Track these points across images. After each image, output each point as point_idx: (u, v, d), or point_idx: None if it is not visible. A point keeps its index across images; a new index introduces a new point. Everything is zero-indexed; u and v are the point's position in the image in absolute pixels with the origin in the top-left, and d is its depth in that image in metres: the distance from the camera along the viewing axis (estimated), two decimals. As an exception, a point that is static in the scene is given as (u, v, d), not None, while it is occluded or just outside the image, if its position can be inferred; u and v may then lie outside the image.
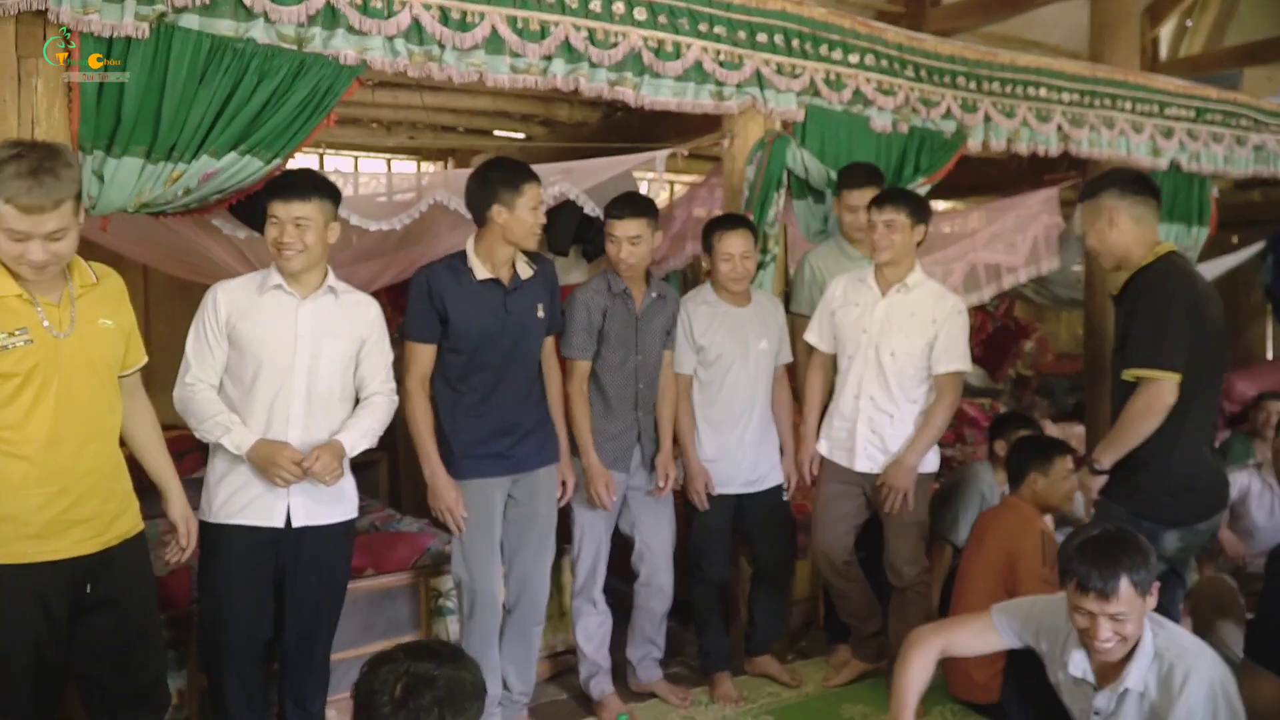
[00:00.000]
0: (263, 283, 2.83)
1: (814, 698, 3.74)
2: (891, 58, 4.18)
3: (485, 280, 3.11)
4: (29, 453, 2.29)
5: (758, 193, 3.88)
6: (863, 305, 3.62)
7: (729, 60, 3.74)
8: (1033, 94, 4.64)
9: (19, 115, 2.63)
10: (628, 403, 3.47)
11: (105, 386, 2.45)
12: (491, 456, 3.14)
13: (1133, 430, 2.93)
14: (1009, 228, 5.22)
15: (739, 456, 3.63)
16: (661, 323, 3.53)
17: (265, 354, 2.78)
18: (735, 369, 3.61)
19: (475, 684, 1.80)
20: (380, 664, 1.78)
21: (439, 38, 3.12)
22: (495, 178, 3.08)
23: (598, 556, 3.52)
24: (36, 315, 2.30)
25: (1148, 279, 2.99)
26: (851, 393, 3.64)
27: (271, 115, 2.92)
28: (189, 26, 2.76)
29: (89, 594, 2.41)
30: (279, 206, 2.77)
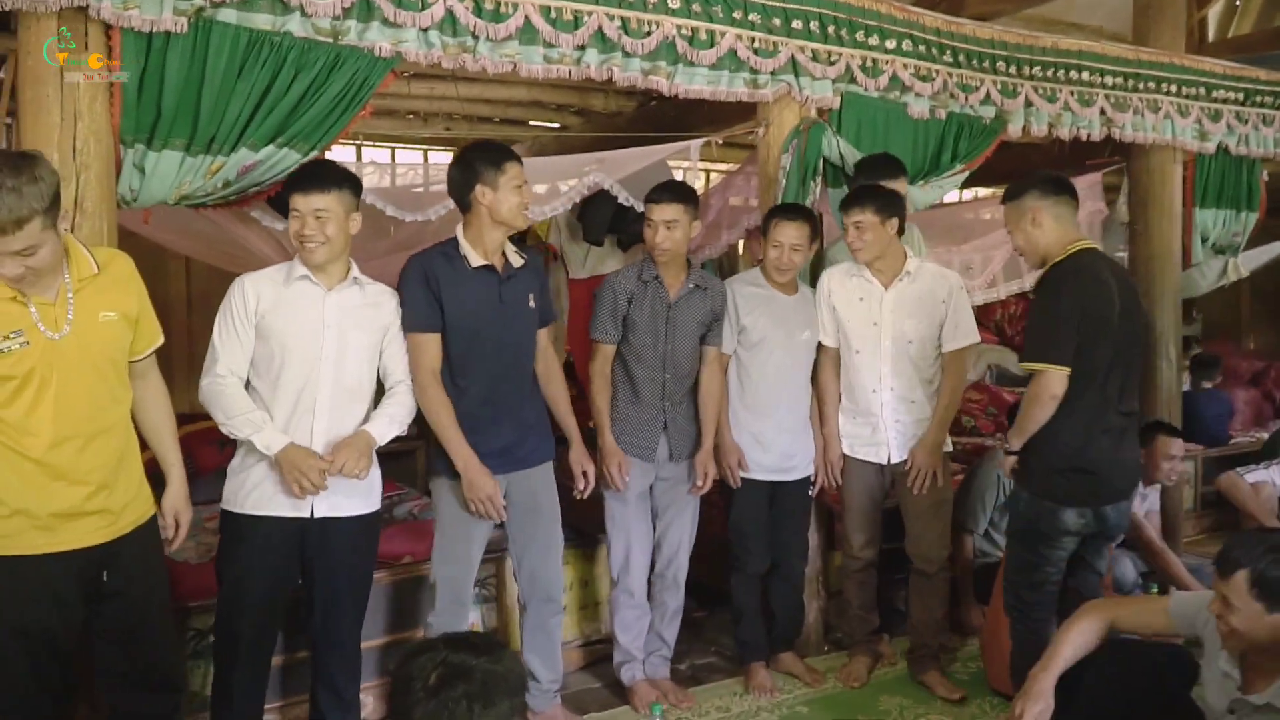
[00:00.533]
0: (289, 274, 2.83)
1: (849, 691, 3.72)
2: (929, 43, 4.13)
3: (479, 267, 3.04)
4: (33, 452, 2.30)
5: (793, 181, 3.85)
6: (868, 298, 3.63)
7: (763, 48, 3.71)
8: (1075, 78, 4.56)
9: (62, 110, 2.68)
10: (655, 392, 3.44)
11: (107, 380, 2.43)
12: (493, 454, 3.07)
13: (1028, 417, 3.15)
14: (1051, 214, 5.14)
15: (774, 442, 3.62)
16: (698, 314, 3.48)
17: (293, 345, 2.79)
18: (777, 355, 3.60)
19: (511, 679, 1.78)
20: (420, 652, 1.79)
21: (473, 29, 3.13)
22: (476, 158, 3.02)
23: (629, 546, 3.48)
24: (31, 317, 2.29)
25: (1049, 276, 3.16)
26: (868, 387, 3.64)
27: (309, 108, 2.95)
28: (227, 21, 2.79)
29: (105, 582, 2.45)
30: (299, 199, 2.76)
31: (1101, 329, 3.07)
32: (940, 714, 3.53)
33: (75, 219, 2.70)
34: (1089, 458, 3.12)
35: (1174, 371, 5.09)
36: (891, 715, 3.53)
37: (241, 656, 2.84)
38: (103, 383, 2.41)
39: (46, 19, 2.65)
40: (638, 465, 3.43)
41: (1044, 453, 3.16)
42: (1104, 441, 3.13)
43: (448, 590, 3.14)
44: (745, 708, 3.56)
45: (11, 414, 2.29)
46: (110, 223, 2.79)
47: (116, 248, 2.81)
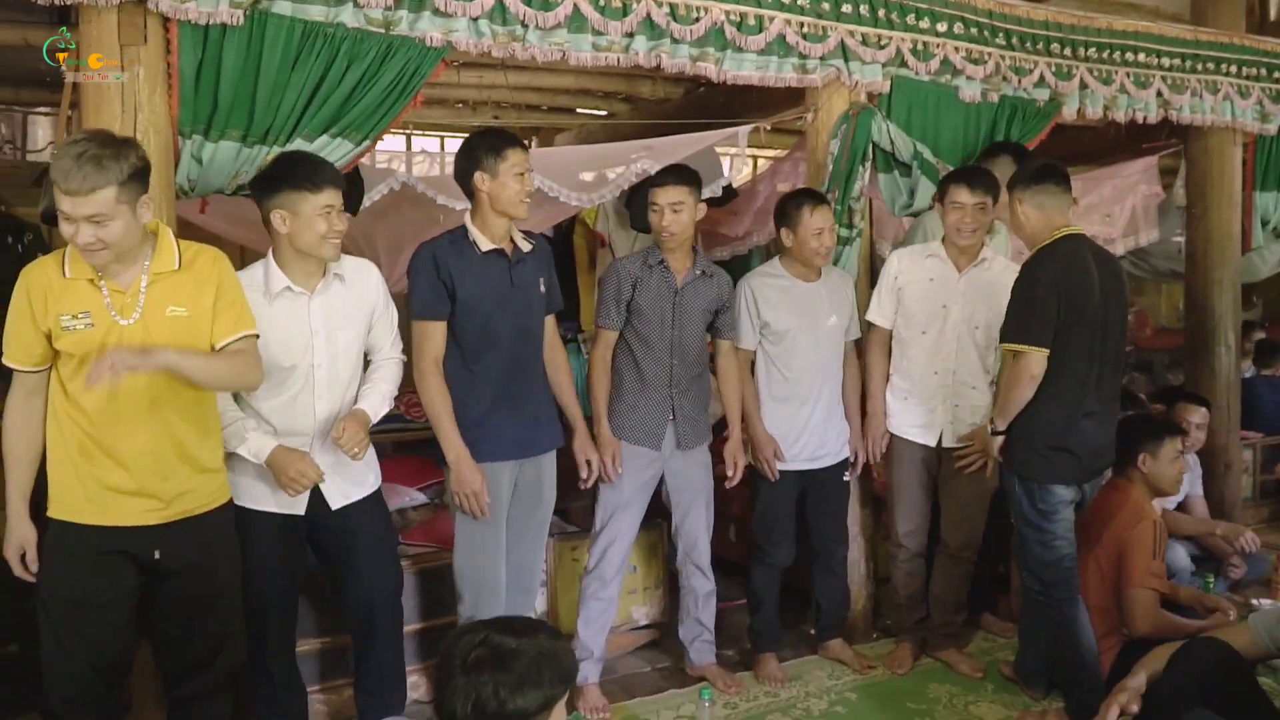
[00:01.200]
0: (266, 288, 2.74)
1: (898, 678, 3.71)
2: (981, 25, 4.07)
3: (489, 252, 3.00)
4: (86, 426, 2.42)
5: (843, 167, 3.83)
6: (939, 280, 3.60)
7: (812, 33, 3.69)
8: (1131, 59, 4.47)
9: (122, 102, 2.75)
10: (662, 379, 3.37)
11: (171, 375, 2.44)
12: (505, 438, 3.05)
13: (1009, 399, 3.22)
14: (1106, 198, 5.06)
15: (805, 432, 3.59)
16: (705, 302, 3.43)
17: (285, 359, 2.76)
18: (803, 345, 3.56)
19: (555, 664, 1.76)
20: (466, 631, 1.82)
21: (522, 17, 3.15)
22: (478, 144, 2.98)
23: (614, 538, 3.40)
24: (102, 300, 2.38)
25: (1029, 261, 3.23)
26: (928, 368, 3.62)
27: (361, 98, 2.99)
28: (281, 13, 2.84)
29: (160, 561, 2.51)
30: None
31: (1080, 313, 3.13)
32: (990, 701, 3.51)
33: (136, 209, 2.77)
34: (1070, 440, 3.18)
35: (1231, 357, 5.00)
36: (940, 703, 3.51)
37: (271, 647, 2.87)
38: (163, 376, 2.43)
39: (108, 12, 2.72)
40: (644, 454, 3.38)
41: (1026, 434, 3.23)
42: (1085, 424, 3.19)
43: (474, 580, 3.08)
44: (794, 693, 3.56)
45: (74, 388, 2.41)
46: (169, 213, 2.85)
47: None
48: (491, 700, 1.69)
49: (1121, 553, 3.38)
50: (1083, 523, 3.55)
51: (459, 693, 1.71)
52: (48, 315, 2.38)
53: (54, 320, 2.37)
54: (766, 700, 3.52)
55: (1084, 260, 3.17)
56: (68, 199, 2.27)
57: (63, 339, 2.37)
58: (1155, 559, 3.36)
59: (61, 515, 2.46)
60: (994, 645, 3.97)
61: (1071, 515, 3.28)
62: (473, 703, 1.70)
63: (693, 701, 3.39)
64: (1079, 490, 3.29)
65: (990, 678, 3.68)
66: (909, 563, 3.78)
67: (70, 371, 2.40)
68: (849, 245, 3.87)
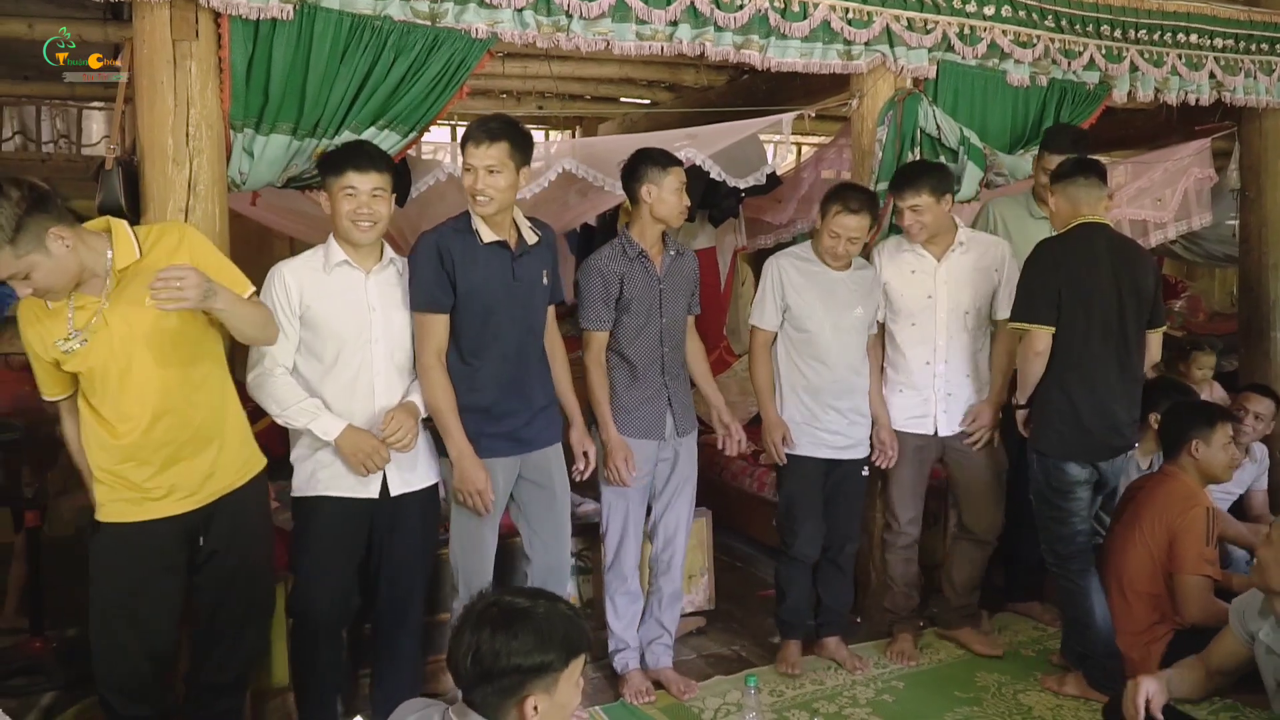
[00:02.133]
0: (326, 260, 2.82)
1: (947, 665, 3.70)
2: (1029, 8, 4.01)
3: (492, 243, 2.96)
4: (112, 432, 2.49)
5: (889, 154, 3.79)
6: (920, 270, 3.61)
7: (857, 18, 3.66)
8: (1183, 40, 4.39)
9: (175, 96, 2.80)
10: (654, 368, 3.34)
11: (170, 361, 2.49)
12: (504, 435, 3.01)
13: (1023, 374, 3.42)
14: (1157, 182, 4.97)
15: (827, 421, 3.55)
16: (683, 282, 3.42)
17: (345, 331, 2.80)
18: (827, 333, 3.52)
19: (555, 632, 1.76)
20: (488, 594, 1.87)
21: (566, 7, 3.16)
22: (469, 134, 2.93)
23: (625, 532, 3.39)
24: (83, 315, 2.43)
25: (1037, 246, 3.41)
26: (922, 359, 3.62)
27: (408, 90, 3.02)
28: (330, 6, 2.88)
29: (202, 546, 2.59)
30: (356, 177, 2.74)
31: (1085, 295, 3.29)
32: (1039, 690, 3.48)
33: (189, 202, 2.82)
34: (1083, 417, 3.32)
35: (1288, 343, 4.89)
36: (989, 691, 3.49)
37: (322, 637, 2.91)
38: (165, 363, 2.49)
39: (160, 8, 2.76)
40: (647, 447, 3.35)
41: (1042, 410, 3.39)
42: (1099, 402, 3.33)
43: (468, 573, 3.07)
44: (840, 681, 3.56)
45: (98, 402, 2.49)
46: (221, 205, 2.90)
47: (227, 229, 2.93)
48: (489, 655, 1.72)
49: (1173, 539, 3.34)
50: (1131, 509, 3.52)
51: (462, 647, 1.75)
52: (46, 347, 2.45)
53: (54, 349, 2.44)
54: (813, 689, 3.52)
55: (1092, 246, 3.32)
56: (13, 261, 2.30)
57: (69, 361, 2.44)
58: (1208, 545, 3.32)
59: (108, 518, 2.53)
60: (1044, 634, 3.93)
61: (1088, 494, 3.38)
62: (472, 656, 1.73)
63: (739, 689, 3.40)
64: (1094, 469, 3.37)
65: (1040, 665, 3.65)
66: (907, 549, 3.78)
67: (89, 389, 2.49)
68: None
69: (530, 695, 1.74)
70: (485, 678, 1.73)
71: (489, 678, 1.73)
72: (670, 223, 3.32)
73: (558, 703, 1.78)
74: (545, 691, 1.75)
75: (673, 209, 3.28)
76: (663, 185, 3.25)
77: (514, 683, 1.73)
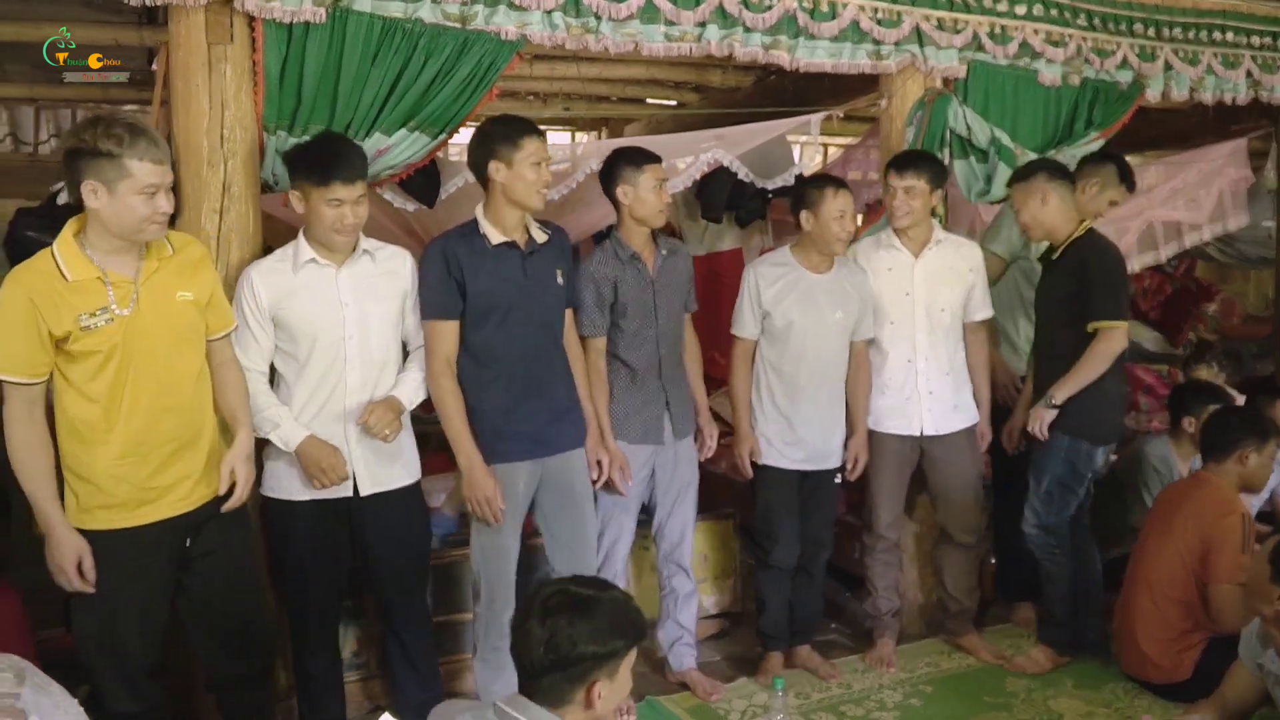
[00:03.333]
0: (295, 260, 2.78)
1: (975, 669, 3.67)
2: (1061, 6, 3.97)
3: (500, 244, 2.91)
4: (111, 424, 2.41)
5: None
6: (896, 268, 3.57)
7: (887, 18, 3.64)
8: (1218, 39, 4.34)
9: (209, 99, 2.83)
10: (652, 372, 3.29)
11: (186, 359, 2.51)
12: (522, 438, 2.97)
13: (1093, 371, 3.42)
14: (1191, 182, 4.91)
15: (805, 430, 3.46)
16: (678, 281, 3.37)
17: (316, 329, 2.76)
18: (807, 339, 3.42)
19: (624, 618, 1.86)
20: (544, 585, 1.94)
21: (595, 9, 3.16)
22: (493, 133, 2.90)
23: (618, 538, 3.35)
24: (107, 295, 2.38)
25: (1091, 247, 3.48)
26: (903, 357, 3.58)
27: (438, 92, 3.04)
28: (362, 10, 2.90)
29: (190, 548, 2.56)
30: (343, 190, 2.68)
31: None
32: (1070, 697, 3.45)
33: (223, 203, 2.86)
34: (1120, 397, 3.64)
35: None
36: (1019, 696, 3.46)
37: (312, 636, 2.91)
38: (180, 360, 2.50)
39: (195, 12, 2.79)
40: (642, 452, 3.30)
41: (1098, 400, 3.45)
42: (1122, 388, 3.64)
43: (489, 578, 3.04)
44: (867, 684, 3.55)
45: (97, 388, 2.40)
46: (255, 207, 2.94)
47: (260, 231, 2.96)
48: (565, 642, 1.79)
49: (1208, 547, 3.30)
50: (1163, 514, 3.48)
51: (533, 637, 1.81)
52: (62, 319, 2.33)
53: (71, 322, 2.34)
54: (840, 691, 3.50)
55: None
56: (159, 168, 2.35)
57: (82, 340, 2.36)
58: (1244, 553, 3.27)
59: (93, 525, 2.44)
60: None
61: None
62: (545, 644, 1.79)
63: (766, 690, 3.40)
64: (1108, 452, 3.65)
65: (1071, 671, 3.62)
66: (886, 553, 3.73)
67: (90, 372, 2.39)
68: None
69: (598, 680, 1.82)
70: (559, 664, 1.80)
71: (563, 664, 1.80)
72: (650, 222, 3.24)
73: (617, 687, 1.87)
74: (609, 677, 1.84)
75: (651, 208, 3.20)
76: (638, 184, 3.18)
77: (586, 669, 1.81)
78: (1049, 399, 3.43)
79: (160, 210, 2.38)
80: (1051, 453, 3.48)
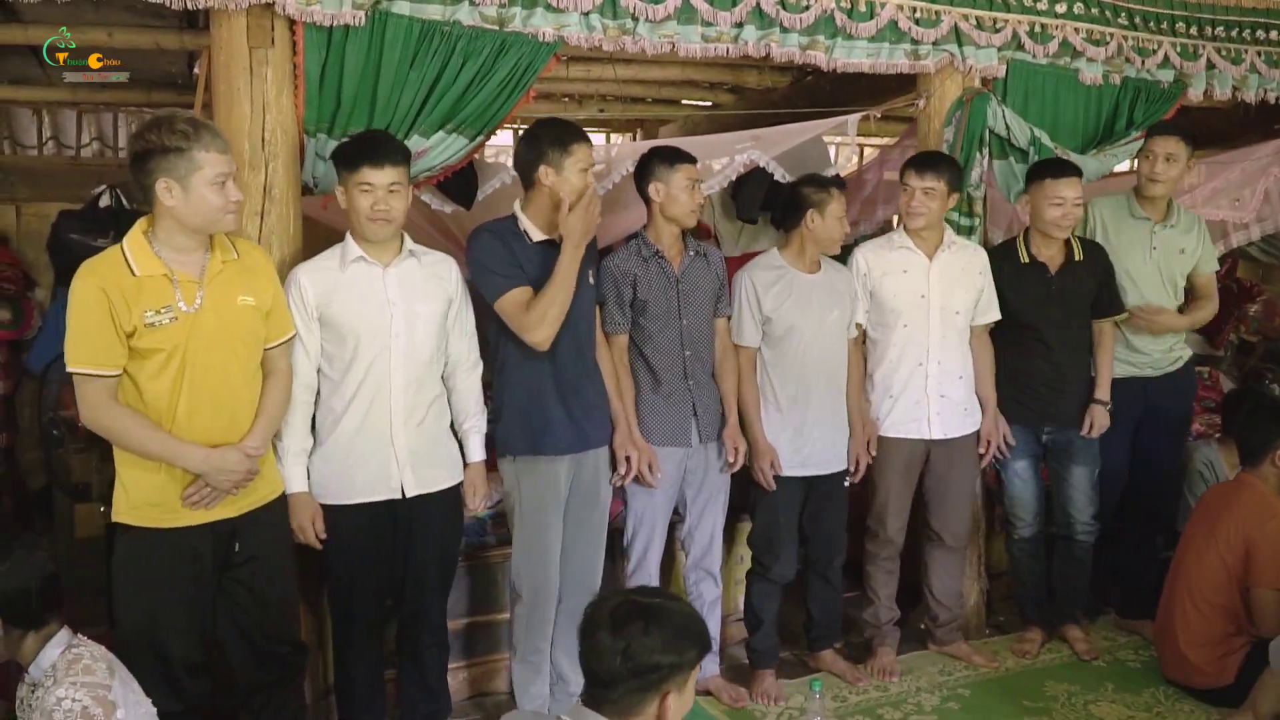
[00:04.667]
0: (343, 258, 2.80)
1: (1014, 674, 3.65)
2: (1103, 5, 3.93)
3: (541, 242, 2.95)
4: (168, 424, 2.44)
5: (958, 154, 3.74)
6: (912, 270, 3.52)
7: (925, 17, 3.62)
8: (1262, 37, 4.27)
9: (251, 102, 2.85)
10: (676, 373, 3.27)
11: (240, 361, 2.53)
12: (564, 432, 2.99)
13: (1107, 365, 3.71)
14: (1234, 182, 4.82)
15: (812, 436, 3.41)
16: (707, 282, 3.34)
17: (362, 328, 2.77)
18: (807, 341, 3.39)
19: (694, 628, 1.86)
20: (605, 599, 1.91)
21: (632, 10, 3.17)
22: (544, 137, 2.93)
23: (651, 539, 3.33)
24: (177, 293, 2.42)
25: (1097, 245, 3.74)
26: (915, 360, 3.52)
27: (476, 94, 3.04)
28: (401, 13, 2.91)
29: (236, 552, 2.58)
30: (372, 173, 2.71)
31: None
32: (1110, 701, 3.42)
33: (264, 205, 2.88)
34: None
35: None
36: (1059, 701, 3.43)
37: (357, 642, 2.92)
38: (236, 363, 2.52)
39: (237, 16, 2.81)
40: (674, 455, 3.28)
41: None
42: None
43: (531, 580, 3.05)
44: (904, 688, 3.53)
45: (159, 387, 2.43)
46: (295, 209, 2.96)
47: (300, 233, 2.99)
48: (642, 651, 1.76)
49: (1250, 551, 3.26)
50: (1204, 518, 3.44)
51: (606, 649, 1.78)
52: (131, 314, 2.36)
53: (138, 318, 2.37)
54: (877, 695, 3.49)
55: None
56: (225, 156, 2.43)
57: (146, 336, 2.38)
58: None
59: (141, 522, 2.47)
60: (1115, 644, 3.86)
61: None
62: (621, 654, 1.76)
63: (802, 693, 3.39)
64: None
65: (1111, 675, 3.58)
66: (890, 560, 3.67)
67: (153, 371, 2.42)
68: (970, 235, 3.79)
69: (670, 690, 1.81)
70: (635, 674, 1.78)
71: (639, 673, 1.78)
72: (682, 222, 3.25)
73: (686, 698, 1.85)
74: (679, 688, 1.82)
75: (684, 207, 3.21)
76: (670, 183, 3.19)
77: (660, 678, 1.79)
78: (1099, 400, 3.66)
79: (233, 198, 2.45)
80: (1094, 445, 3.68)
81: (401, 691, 3.08)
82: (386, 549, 2.90)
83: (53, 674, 2.11)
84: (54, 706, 2.04)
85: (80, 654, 2.15)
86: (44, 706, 2.05)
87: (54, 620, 2.19)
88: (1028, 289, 3.64)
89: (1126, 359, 3.80)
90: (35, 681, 2.15)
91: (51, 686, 2.08)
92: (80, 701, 2.05)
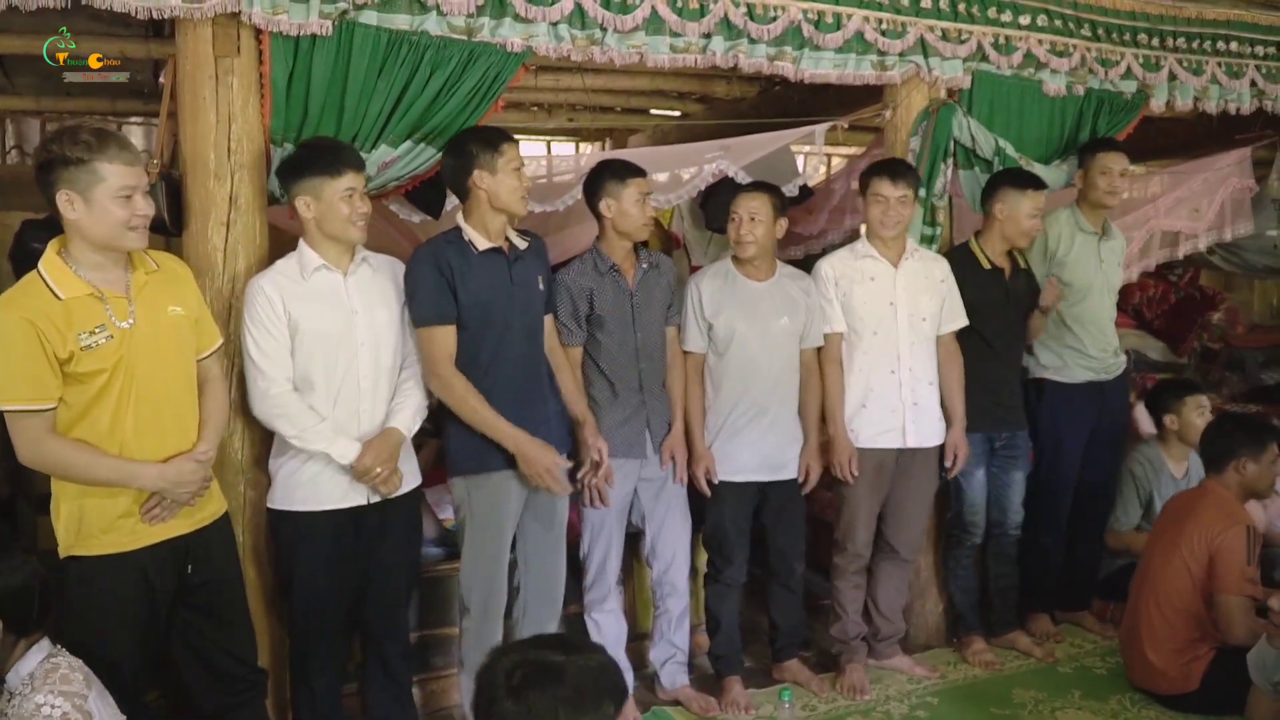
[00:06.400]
0: (303, 267, 2.78)
1: (981, 681, 3.67)
2: (1066, 17, 3.99)
3: (487, 250, 2.93)
4: (115, 445, 2.36)
5: (924, 164, 3.78)
6: (880, 277, 3.53)
7: (891, 29, 3.65)
8: (1222, 49, 4.35)
9: (217, 111, 2.83)
10: (632, 385, 3.27)
11: (182, 371, 2.49)
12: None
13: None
14: (1196, 192, 4.90)
15: (757, 441, 3.39)
16: (659, 294, 3.34)
17: (329, 335, 2.76)
18: (751, 348, 3.36)
19: (605, 679, 1.64)
20: (506, 651, 1.70)
21: (601, 21, 3.17)
22: (470, 142, 2.92)
23: (608, 552, 3.32)
24: (106, 311, 2.34)
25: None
26: (886, 368, 3.51)
27: (444, 104, 3.04)
28: (368, 23, 2.90)
29: (190, 574, 2.52)
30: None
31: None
32: (1078, 708, 3.44)
33: (230, 215, 2.86)
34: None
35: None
36: (1027, 708, 3.45)
37: (321, 653, 2.88)
38: (176, 373, 2.47)
39: (203, 25, 2.80)
40: (625, 466, 3.26)
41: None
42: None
43: (482, 593, 3.02)
44: (874, 696, 3.53)
45: (101, 411, 2.34)
46: (262, 219, 2.94)
47: (267, 242, 2.96)
48: (551, 717, 1.56)
49: (1213, 558, 3.29)
50: (1169, 525, 3.48)
51: (510, 717, 1.57)
52: (65, 340, 2.27)
53: (74, 343, 2.28)
54: (845, 703, 3.49)
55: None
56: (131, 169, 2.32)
57: (85, 359, 2.29)
58: (1250, 564, 3.27)
59: (88, 551, 2.38)
60: (1081, 650, 3.90)
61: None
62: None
63: (771, 702, 3.39)
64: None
65: (1078, 682, 3.61)
66: (858, 574, 3.64)
67: (95, 393, 2.33)
68: (931, 243, 3.82)
69: None
70: None
71: None
72: (633, 236, 3.25)
73: None
74: None
75: (634, 222, 3.22)
76: (621, 198, 3.20)
77: None
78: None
79: (139, 212, 2.34)
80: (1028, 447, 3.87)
81: (371, 704, 3.05)
82: (350, 556, 2.87)
83: (30, 682, 2.10)
84: (33, 713, 2.03)
85: (58, 663, 2.15)
86: (21, 713, 2.04)
87: (41, 629, 2.18)
88: (990, 295, 3.69)
89: (1084, 364, 3.88)
90: (12, 690, 2.13)
91: (29, 694, 2.07)
92: (60, 708, 2.04)
